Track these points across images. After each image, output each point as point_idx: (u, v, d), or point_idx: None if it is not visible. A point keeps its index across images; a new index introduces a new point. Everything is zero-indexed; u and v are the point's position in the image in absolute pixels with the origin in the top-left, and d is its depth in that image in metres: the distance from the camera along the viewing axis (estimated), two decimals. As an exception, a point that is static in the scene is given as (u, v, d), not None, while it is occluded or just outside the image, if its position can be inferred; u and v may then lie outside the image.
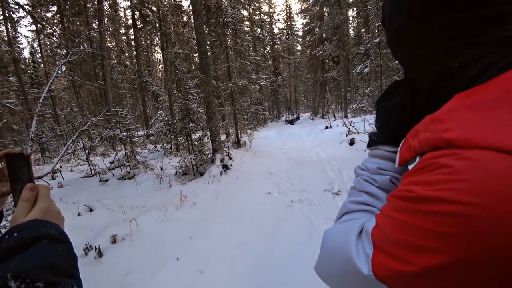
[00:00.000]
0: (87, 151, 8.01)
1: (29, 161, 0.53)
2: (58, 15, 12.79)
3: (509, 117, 0.29)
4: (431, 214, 0.30)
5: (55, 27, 14.22)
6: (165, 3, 10.89)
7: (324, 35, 19.77)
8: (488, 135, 0.29)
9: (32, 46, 16.74)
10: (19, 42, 15.96)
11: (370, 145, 0.58)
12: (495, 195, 0.26)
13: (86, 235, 3.68)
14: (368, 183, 0.51)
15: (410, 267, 0.31)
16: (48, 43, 16.00)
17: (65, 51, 12.61)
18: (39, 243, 0.42)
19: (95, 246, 3.21)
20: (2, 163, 0.55)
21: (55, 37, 14.51)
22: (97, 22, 13.13)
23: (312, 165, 6.61)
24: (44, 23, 12.40)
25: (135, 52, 14.45)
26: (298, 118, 25.07)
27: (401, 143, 0.44)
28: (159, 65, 20.57)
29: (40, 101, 5.92)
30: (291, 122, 22.54)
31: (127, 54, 18.44)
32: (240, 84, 10.18)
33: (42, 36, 14.76)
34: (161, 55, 14.66)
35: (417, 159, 0.38)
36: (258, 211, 4.17)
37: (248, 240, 3.30)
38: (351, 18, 23.80)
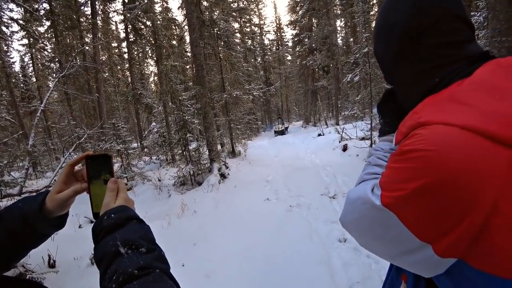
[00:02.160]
0: (82, 164, 7.99)
1: (111, 160, 0.65)
2: (52, 29, 12.86)
3: (454, 108, 0.48)
4: (409, 158, 0.48)
5: (46, 42, 14.29)
6: (159, 17, 11.11)
7: (313, 45, 20.27)
8: (441, 117, 0.47)
9: (22, 60, 16.71)
10: (10, 57, 15.93)
11: (383, 134, 0.78)
12: (441, 145, 0.44)
13: (89, 246, 3.71)
14: (381, 160, 0.69)
15: (402, 192, 0.48)
16: (39, 57, 16.01)
17: (58, 64, 12.64)
18: (131, 222, 0.53)
19: (102, 255, 3.26)
20: (82, 165, 0.67)
21: (47, 51, 14.56)
22: (90, 36, 13.28)
23: (307, 172, 6.78)
24: (37, 38, 12.45)
25: (128, 65, 14.57)
26: (286, 129, 22.75)
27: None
28: (152, 78, 20.70)
29: (38, 114, 5.96)
30: (281, 133, 20.80)
31: (119, 67, 18.53)
32: (234, 95, 10.37)
33: (34, 50, 14.76)
34: (155, 67, 14.81)
35: None
36: (258, 217, 4.29)
37: (251, 245, 3.40)
38: (339, 28, 24.52)
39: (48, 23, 12.64)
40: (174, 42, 13.40)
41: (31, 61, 15.22)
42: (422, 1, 0.57)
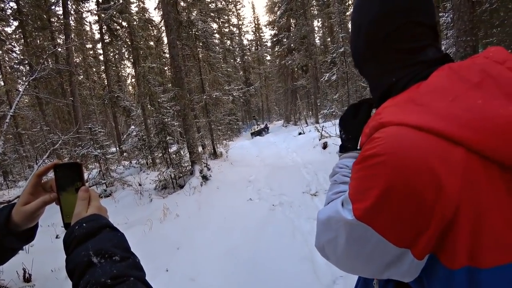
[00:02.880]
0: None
1: (81, 168, 0.62)
2: (20, 30, 12.24)
3: (410, 109, 0.50)
4: (370, 166, 0.50)
5: (14, 43, 13.57)
6: (136, 17, 10.87)
7: (292, 45, 20.53)
8: (398, 118, 0.49)
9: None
10: (-26, 59, 14.98)
11: (345, 150, 0.79)
12: (396, 147, 0.46)
13: (68, 255, 3.61)
14: (347, 177, 0.69)
15: (369, 200, 0.48)
16: (7, 59, 15.18)
17: (28, 67, 12.06)
18: (104, 231, 0.52)
19: (81, 265, 3.17)
20: (48, 175, 0.65)
21: (15, 52, 13.83)
22: (62, 37, 12.76)
23: (289, 170, 6.87)
24: (4, 38, 11.80)
25: (103, 67, 14.14)
26: (266, 128, 21.34)
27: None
28: (129, 80, 20.17)
29: (7, 120, 5.68)
30: (258, 133, 19.08)
31: (94, 70, 17.93)
32: (214, 96, 10.33)
33: (1, 52, 13.97)
34: (132, 69, 14.44)
35: None
36: (241, 218, 4.31)
37: (235, 246, 3.42)
38: (316, 28, 25.00)
39: (16, 23, 12.02)
40: (152, 43, 13.14)
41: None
42: (386, 7, 0.59)
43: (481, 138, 0.43)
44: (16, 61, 13.79)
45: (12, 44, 13.56)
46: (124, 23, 11.57)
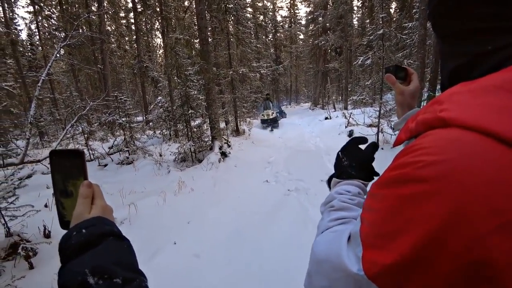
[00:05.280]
0: (86, 135, 8.00)
1: (83, 157, 0.50)
2: (57, -4, 12.55)
3: (499, 103, 0.29)
4: (408, 195, 0.30)
5: (53, 9, 13.96)
6: (166, -14, 10.67)
7: (327, 24, 19.47)
8: (476, 116, 0.29)
9: (30, 28, 16.46)
10: (17, 24, 15.69)
11: (347, 177, 0.66)
12: (462, 174, 0.27)
13: (85, 218, 3.75)
14: (347, 203, 0.57)
15: (393, 254, 0.30)
16: (46, 25, 15.73)
17: (63, 34, 12.41)
18: (107, 240, 0.42)
19: (94, 229, 3.27)
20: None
21: (53, 19, 14.26)
22: (96, 5, 12.90)
23: (310, 155, 6.65)
24: (42, 5, 12.13)
25: (135, 37, 14.24)
26: (282, 112, 16.25)
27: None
28: (159, 50, 20.31)
29: (39, 84, 5.86)
30: (273, 122, 12.54)
31: (126, 39, 18.16)
32: (240, 72, 10.09)
33: (40, 18, 14.47)
34: (162, 40, 14.45)
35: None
36: (255, 199, 4.23)
37: (244, 227, 3.36)
38: (355, 8, 23.39)
39: (52, -11, 12.28)
40: (183, 13, 12.98)
41: (36, 30, 14.96)
42: None
43: None
44: (54, 28, 14.26)
45: (51, 10, 13.97)
46: (156, -8, 11.42)
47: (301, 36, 30.97)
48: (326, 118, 12.55)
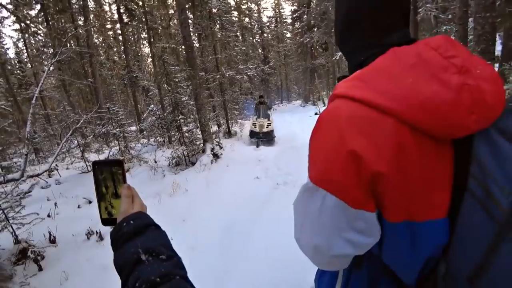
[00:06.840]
0: (81, 148, 8.20)
1: (123, 165, 0.63)
2: (42, 13, 12.69)
3: (356, 85, 0.57)
4: (315, 133, 0.63)
5: (39, 26, 14.10)
6: (150, -3, 10.92)
7: (312, 22, 19.81)
8: (345, 91, 0.58)
9: (17, 46, 16.58)
10: (3, 43, 15.81)
11: None
12: (337, 115, 0.58)
13: (87, 223, 3.95)
14: None
15: (318, 165, 0.61)
16: (33, 42, 15.87)
17: (51, 50, 12.58)
18: (150, 229, 0.54)
19: (96, 231, 3.52)
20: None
21: (40, 35, 14.40)
22: (82, 19, 13.09)
23: (299, 151, 6.91)
24: (28, 22, 12.29)
25: (123, 47, 14.44)
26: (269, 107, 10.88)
27: None
28: (148, 60, 20.48)
29: (33, 101, 6.07)
30: (265, 137, 9.03)
31: (115, 50, 18.37)
32: (227, 75, 10.36)
33: (27, 36, 14.61)
34: (149, 49, 14.65)
35: None
36: (246, 195, 4.49)
37: (235, 221, 3.63)
38: (338, 3, 23.60)
39: (38, 7, 12.45)
40: (168, 23, 13.20)
41: (24, 47, 15.09)
42: None
43: (408, 110, 0.50)
44: (41, 44, 14.40)
45: (38, 27, 14.10)
46: (140, 2, 11.64)
47: (288, 35, 31.23)
48: (316, 114, 12.89)
